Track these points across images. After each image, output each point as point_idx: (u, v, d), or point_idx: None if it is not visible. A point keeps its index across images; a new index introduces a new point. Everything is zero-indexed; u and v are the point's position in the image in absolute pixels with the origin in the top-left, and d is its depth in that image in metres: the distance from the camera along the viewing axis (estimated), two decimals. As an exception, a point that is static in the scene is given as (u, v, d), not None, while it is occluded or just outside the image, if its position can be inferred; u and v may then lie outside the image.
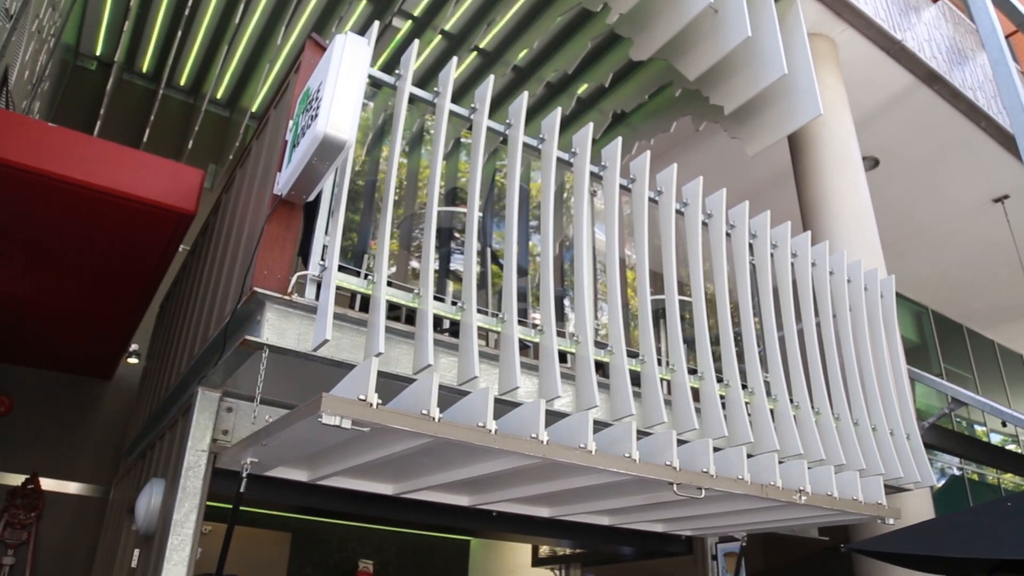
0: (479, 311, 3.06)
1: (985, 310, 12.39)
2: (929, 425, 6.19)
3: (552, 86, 7.96)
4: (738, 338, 3.86)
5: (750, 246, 4.22)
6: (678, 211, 4.03)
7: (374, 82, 3.39)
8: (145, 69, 8.60)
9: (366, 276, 2.97)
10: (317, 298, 2.83)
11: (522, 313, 3.31)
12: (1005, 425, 10.91)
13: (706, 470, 2.93)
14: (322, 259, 2.89)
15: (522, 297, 3.44)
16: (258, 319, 2.80)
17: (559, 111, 3.72)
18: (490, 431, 2.36)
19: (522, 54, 7.73)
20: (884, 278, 4.85)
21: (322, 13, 7.56)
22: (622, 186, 3.88)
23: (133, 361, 7.09)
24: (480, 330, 3.06)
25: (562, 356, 3.25)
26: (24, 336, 6.34)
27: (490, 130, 3.53)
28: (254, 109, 8.66)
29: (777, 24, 5.49)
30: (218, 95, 8.89)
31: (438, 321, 3.10)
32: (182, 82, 8.79)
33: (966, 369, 12.17)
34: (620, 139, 3.85)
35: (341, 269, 2.85)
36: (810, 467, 3.43)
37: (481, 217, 3.49)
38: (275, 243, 2.91)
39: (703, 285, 3.76)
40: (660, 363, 3.51)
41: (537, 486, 3.23)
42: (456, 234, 3.53)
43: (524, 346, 3.25)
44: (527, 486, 3.28)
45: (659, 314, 3.83)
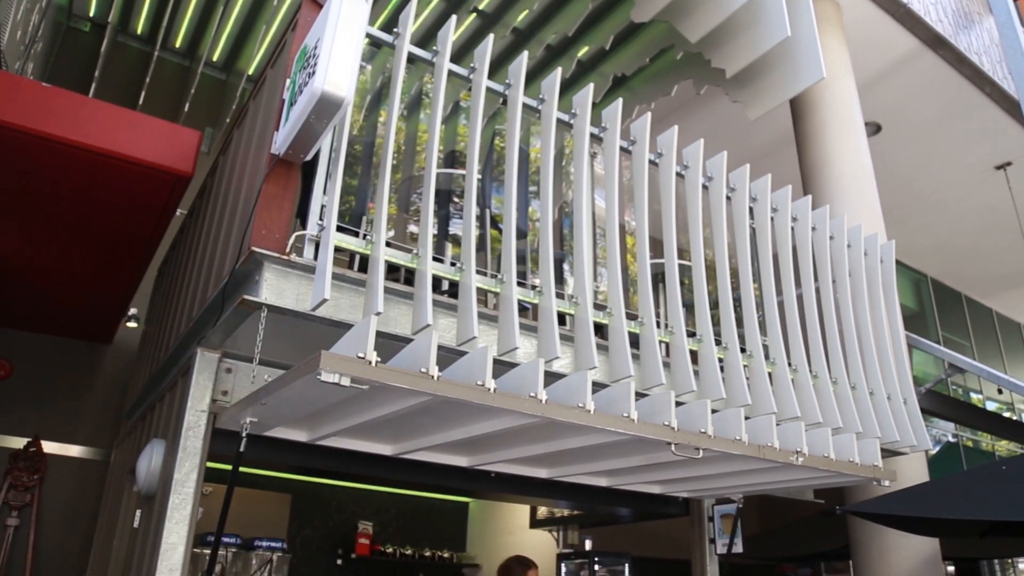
0: (478, 272, 3.05)
1: (984, 278, 12.39)
2: (926, 391, 6.22)
3: (552, 49, 7.85)
4: (737, 302, 3.85)
5: (750, 210, 4.20)
6: (678, 174, 4.00)
7: (372, 41, 3.34)
8: (140, 31, 8.48)
9: (364, 236, 2.95)
10: (315, 258, 2.81)
11: (521, 276, 3.30)
12: (1001, 392, 10.98)
13: (704, 430, 2.95)
14: (320, 219, 2.87)
15: (521, 260, 3.43)
16: (256, 279, 2.79)
17: (559, 71, 3.67)
18: (489, 390, 2.37)
19: (522, 16, 7.61)
20: (884, 243, 4.83)
21: (319, -27, 7.42)
22: (622, 148, 3.84)
23: (132, 325, 7.10)
24: (479, 292, 3.06)
25: (561, 319, 3.24)
26: (23, 300, 6.33)
27: (489, 90, 3.48)
28: (251, 72, 8.55)
29: (781, -15, 5.39)
30: (214, 57, 8.78)
31: (437, 283, 3.09)
32: (177, 44, 8.67)
33: (964, 337, 12.22)
34: (621, 100, 3.80)
35: (339, 229, 2.83)
36: (807, 429, 3.45)
37: (480, 179, 3.46)
38: (273, 203, 2.89)
39: (703, 249, 3.75)
40: (659, 326, 3.51)
41: (535, 446, 3.25)
42: (456, 199, 3.50)
43: (523, 308, 3.25)
44: (525, 446, 3.30)
45: (658, 278, 3.83)
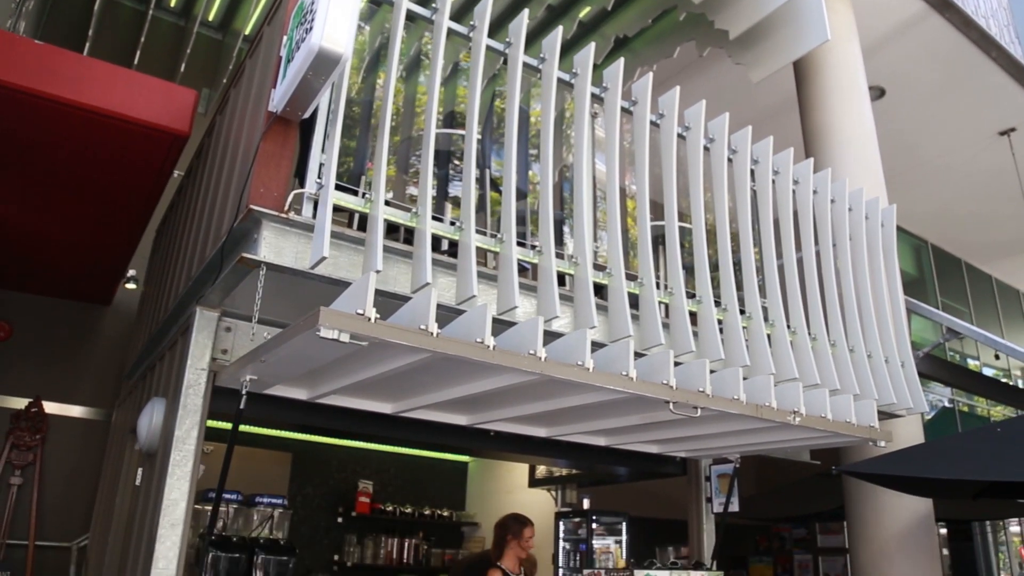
0: (477, 231, 3.04)
1: (984, 244, 12.37)
2: (924, 355, 6.25)
3: (553, 9, 7.72)
4: (737, 265, 3.85)
5: (752, 172, 4.17)
6: (680, 135, 3.96)
7: (371, -2, 3.29)
8: (134, -12, 8.34)
9: (363, 195, 2.93)
10: (314, 216, 2.80)
11: (521, 237, 3.29)
12: (998, 358, 11.04)
13: (702, 389, 2.96)
14: (319, 177, 2.85)
15: (521, 221, 3.41)
16: (255, 237, 2.78)
17: (560, 30, 3.62)
18: (488, 347, 2.37)
19: (523, -25, 7.48)
20: (885, 207, 4.81)
21: (316, -70, 7.27)
22: (623, 109, 3.80)
23: (131, 287, 7.09)
24: (479, 252, 3.05)
25: (560, 280, 3.24)
26: (21, 261, 6.32)
27: (489, 49, 3.43)
28: (247, 32, 8.43)
29: (786, -57, 5.30)
30: (210, 17, 8.64)
31: (437, 242, 3.08)
32: (172, 3, 8.53)
33: (962, 303, 12.24)
34: (622, 60, 3.75)
35: (338, 188, 2.82)
36: (805, 390, 3.47)
37: (480, 140, 3.43)
38: (271, 160, 2.87)
39: (703, 210, 3.73)
40: (659, 287, 3.51)
41: (534, 405, 3.27)
42: (455, 161, 3.47)
43: (523, 269, 3.24)
44: (524, 405, 3.31)
45: (658, 240, 3.81)
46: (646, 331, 3.34)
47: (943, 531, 10.37)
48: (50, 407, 6.88)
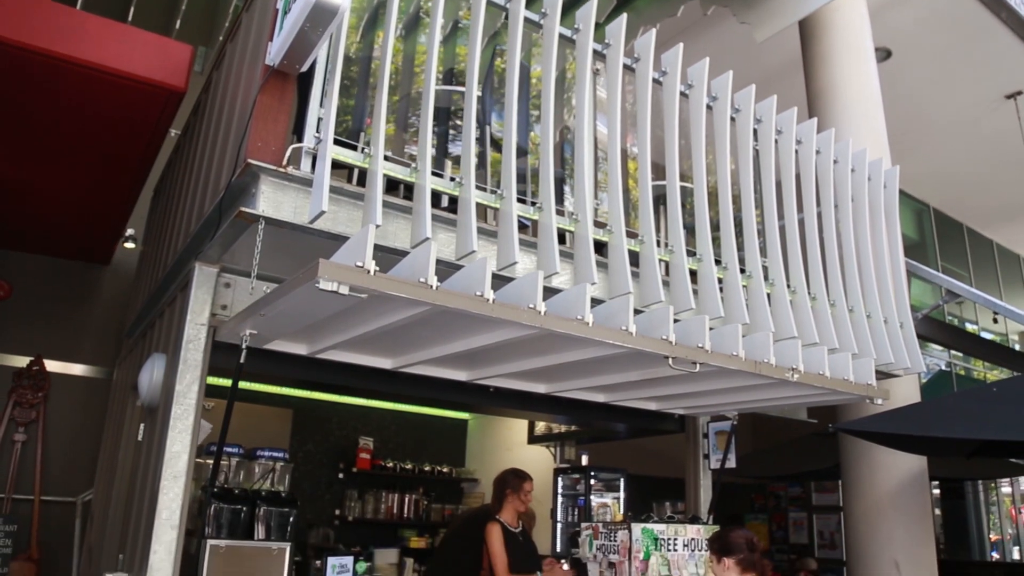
0: (477, 187, 3.02)
1: (986, 209, 12.30)
2: (923, 316, 6.27)
3: (555, -34, 7.59)
4: (738, 224, 3.83)
5: (754, 131, 4.13)
6: (682, 94, 3.92)
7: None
8: (127, -57, 8.17)
9: (363, 150, 2.91)
10: (313, 171, 2.78)
11: (521, 194, 3.27)
12: (996, 321, 11.07)
13: (701, 345, 2.97)
14: (317, 131, 2.82)
15: (521, 179, 3.39)
16: (253, 192, 2.76)
17: (563, -17, 3.55)
18: (488, 300, 2.37)
19: (524, -70, 7.33)
20: (888, 168, 4.78)
21: None
22: (626, 66, 3.75)
23: (130, 246, 7.09)
24: (478, 208, 3.03)
25: (561, 238, 3.23)
26: (19, 220, 6.30)
27: (490, 3, 3.37)
28: (243, -13, 8.29)
29: None
30: (205, -27, 8.49)
31: (437, 198, 3.06)
32: (167, -42, 8.37)
33: (963, 268, 12.23)
34: (625, 16, 3.69)
35: (337, 143, 2.79)
36: (803, 348, 3.48)
37: (480, 97, 3.39)
38: (268, 114, 2.84)
39: (705, 169, 3.70)
40: (659, 244, 3.50)
41: (534, 360, 3.28)
42: (456, 121, 3.43)
43: (523, 226, 3.22)
44: (524, 360, 3.33)
45: (660, 200, 3.79)
46: (646, 288, 3.33)
47: (936, 492, 10.52)
48: (52, 366, 6.92)
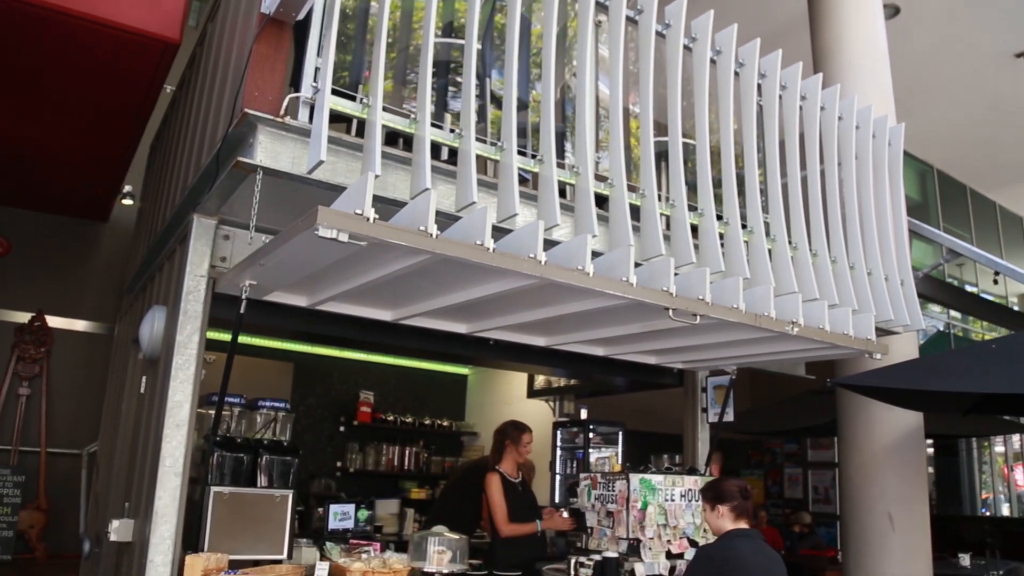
0: (478, 139, 2.98)
1: (990, 169, 12.21)
2: (924, 275, 6.26)
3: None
4: (740, 180, 3.80)
5: (759, 87, 4.08)
6: (686, 47, 3.85)
7: None
8: None
9: (361, 101, 2.87)
10: (311, 121, 2.74)
11: (522, 147, 3.23)
12: (996, 282, 11.07)
13: (702, 297, 2.97)
14: (315, 81, 2.78)
15: (522, 133, 3.35)
16: (251, 142, 2.73)
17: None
18: (488, 249, 2.36)
19: None
20: (893, 126, 4.73)
21: None
22: (628, 18, 3.68)
23: (128, 203, 7.06)
24: (478, 160, 3.00)
25: (562, 192, 3.20)
26: (16, 177, 6.27)
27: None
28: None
29: None
30: (200, -77, 8.30)
31: (436, 150, 3.03)
32: (161, -93, 8.17)
33: (965, 229, 12.18)
34: (628, -35, 3.61)
35: (335, 93, 2.75)
36: (804, 303, 3.48)
37: (480, 50, 3.33)
38: (265, 63, 2.80)
39: (708, 123, 3.66)
40: (660, 199, 3.48)
41: (533, 312, 3.28)
42: (456, 76, 3.37)
43: (523, 180, 3.20)
44: (524, 312, 3.32)
45: (662, 157, 3.75)
46: (647, 241, 3.32)
47: (930, 450, 10.63)
48: (54, 321, 6.95)
